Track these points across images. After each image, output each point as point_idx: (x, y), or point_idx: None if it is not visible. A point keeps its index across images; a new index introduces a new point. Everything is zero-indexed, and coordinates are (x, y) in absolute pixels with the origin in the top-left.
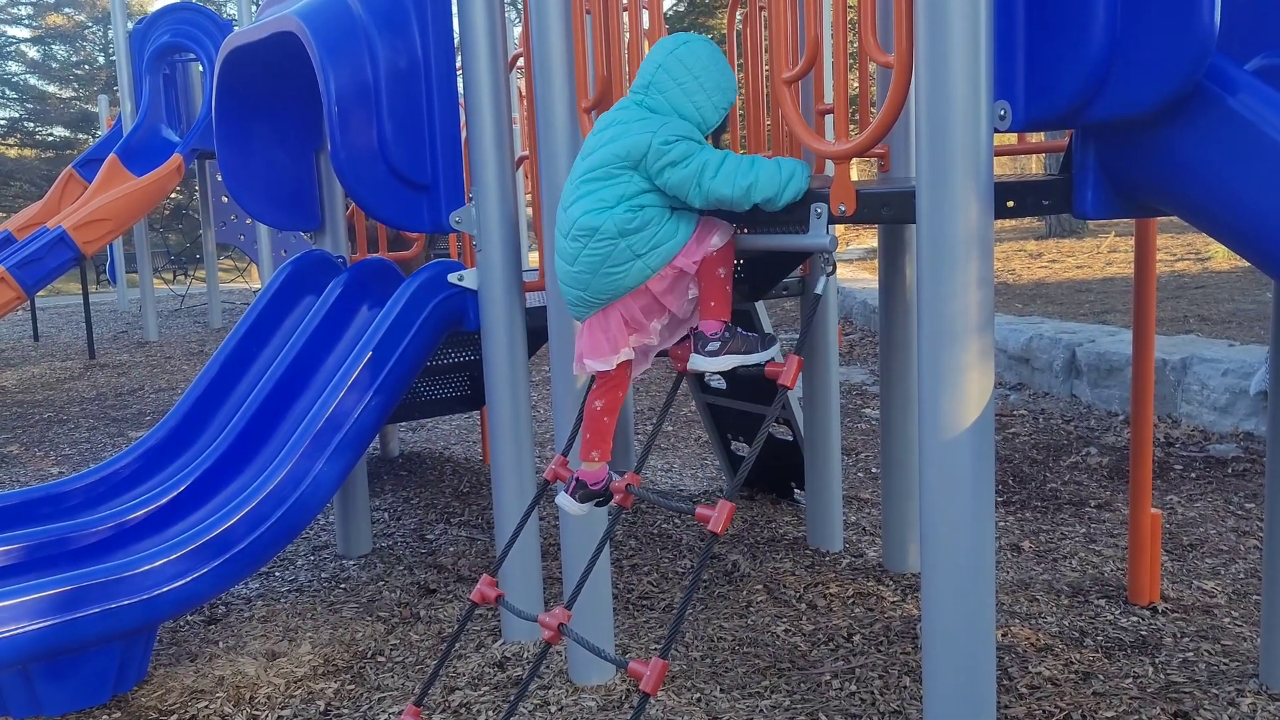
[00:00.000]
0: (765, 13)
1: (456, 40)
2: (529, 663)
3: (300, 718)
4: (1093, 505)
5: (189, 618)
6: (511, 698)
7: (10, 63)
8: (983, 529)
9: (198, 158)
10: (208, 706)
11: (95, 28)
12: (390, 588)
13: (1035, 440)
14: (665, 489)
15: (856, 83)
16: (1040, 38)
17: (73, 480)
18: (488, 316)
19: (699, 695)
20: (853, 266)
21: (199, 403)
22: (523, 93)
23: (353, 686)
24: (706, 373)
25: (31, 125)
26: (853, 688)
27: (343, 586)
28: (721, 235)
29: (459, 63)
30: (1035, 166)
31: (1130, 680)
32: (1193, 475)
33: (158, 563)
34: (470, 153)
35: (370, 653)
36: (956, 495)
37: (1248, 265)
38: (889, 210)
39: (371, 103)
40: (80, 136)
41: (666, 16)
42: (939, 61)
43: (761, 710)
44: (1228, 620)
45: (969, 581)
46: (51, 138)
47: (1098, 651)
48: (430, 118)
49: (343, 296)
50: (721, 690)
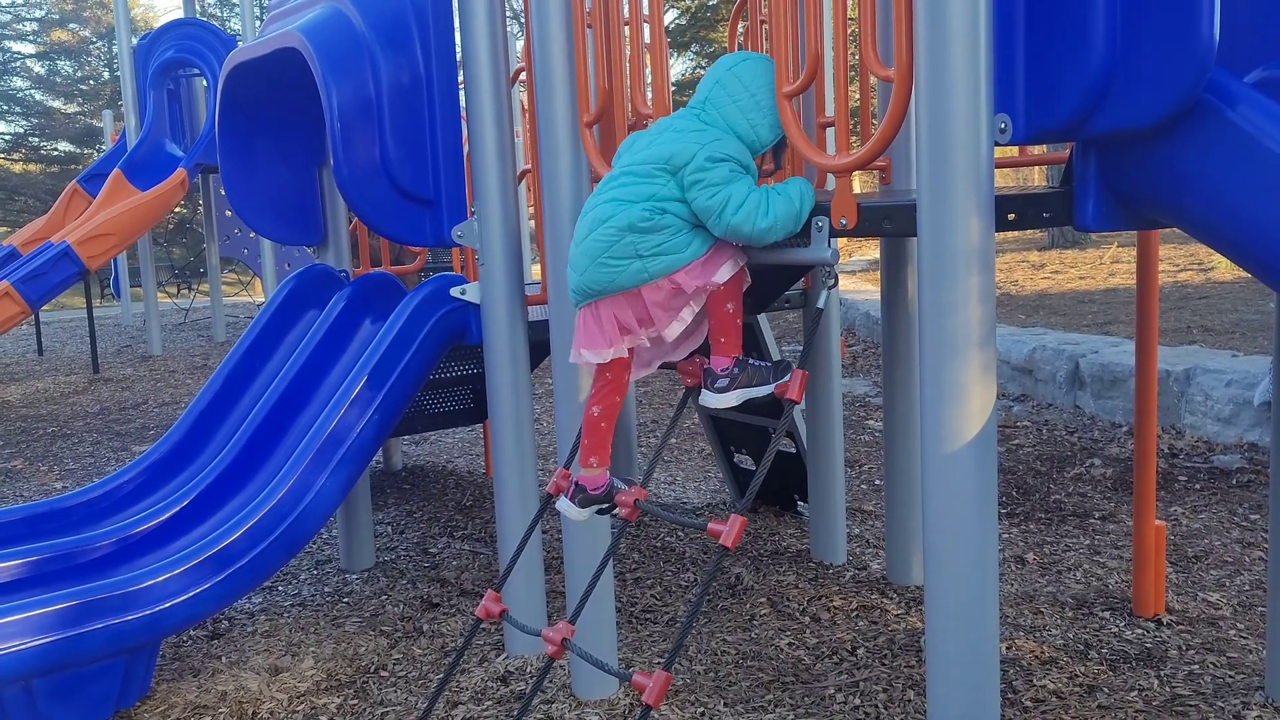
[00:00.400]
0: (766, 26)
1: (459, 55)
2: (532, 677)
3: None
4: (1097, 517)
5: (192, 632)
6: (515, 713)
7: (15, 78)
8: (986, 543)
9: (201, 172)
10: None
11: (100, 43)
12: (393, 602)
13: (1039, 451)
14: (669, 501)
15: (857, 95)
16: (1040, 51)
17: (76, 495)
18: (490, 330)
19: (702, 709)
20: (855, 278)
21: (202, 417)
22: (525, 107)
23: (355, 701)
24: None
25: (36, 140)
26: (856, 701)
27: (346, 601)
28: (730, 266)
29: (461, 77)
30: (1038, 178)
31: (1135, 693)
32: (1197, 486)
33: (161, 578)
34: (472, 167)
35: (373, 667)
36: (960, 510)
37: (1250, 276)
38: (890, 224)
39: (374, 118)
40: (85, 151)
41: (668, 30)
42: (939, 75)
43: None
44: (1233, 632)
45: (973, 595)
46: (56, 153)
47: (1102, 664)
48: (433, 132)
49: (345, 311)
50: (725, 704)
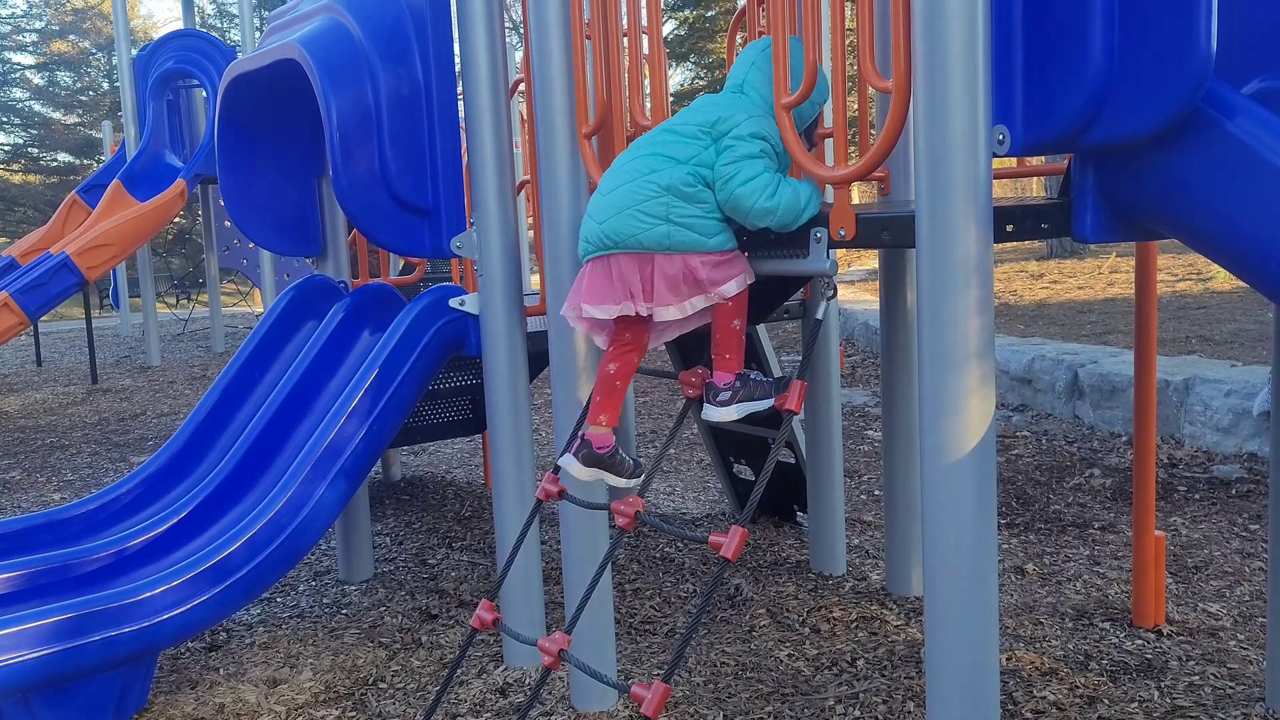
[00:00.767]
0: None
1: (458, 66)
2: (531, 688)
3: None
4: (1096, 527)
5: (189, 644)
6: None
7: (15, 89)
8: (986, 554)
9: (201, 183)
10: None
11: (99, 54)
12: (392, 613)
13: (1038, 462)
14: (668, 512)
15: (855, 106)
16: (1038, 62)
17: (74, 507)
18: (489, 341)
19: None
20: (854, 288)
21: (200, 429)
22: (524, 117)
23: (354, 713)
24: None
25: (36, 151)
26: (856, 713)
27: (344, 612)
28: (739, 282)
29: (460, 88)
30: (1036, 188)
31: (1136, 704)
32: (1196, 497)
33: (159, 590)
34: (471, 178)
35: (372, 679)
36: (959, 521)
37: (1249, 286)
38: (888, 235)
39: (373, 129)
40: (84, 162)
41: (666, 41)
42: (937, 87)
43: None
44: (1233, 643)
45: (972, 606)
46: (55, 163)
47: (1103, 675)
48: (431, 143)
49: (344, 322)
50: (724, 716)
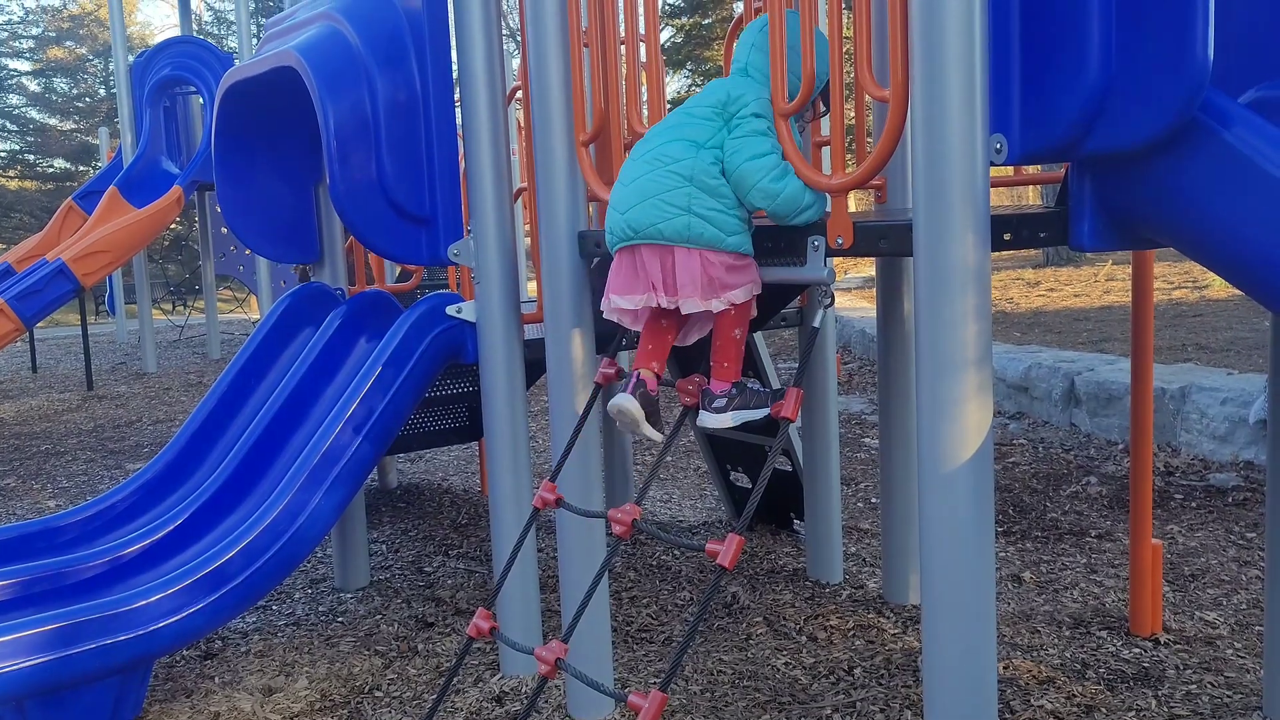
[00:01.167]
0: None
1: (455, 73)
2: (527, 697)
3: None
4: (1093, 535)
5: (185, 653)
6: None
7: (11, 95)
8: (983, 562)
9: (197, 189)
10: None
11: (96, 60)
12: (388, 621)
13: (1035, 469)
14: (664, 520)
15: (852, 114)
16: (1035, 72)
17: (69, 514)
18: (486, 348)
19: None
20: (851, 295)
21: (196, 436)
22: (521, 125)
23: None
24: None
25: (32, 157)
26: None
27: (340, 620)
28: (747, 290)
29: (457, 95)
30: (1032, 196)
31: (1133, 714)
32: (1193, 505)
33: (154, 598)
34: (469, 185)
35: (368, 688)
36: (956, 529)
37: (1245, 294)
38: (886, 243)
39: (370, 136)
40: (80, 169)
41: (663, 48)
42: (935, 96)
43: None
44: (1230, 652)
45: (970, 615)
46: (52, 170)
47: (1100, 684)
48: (429, 151)
49: (341, 329)
50: None
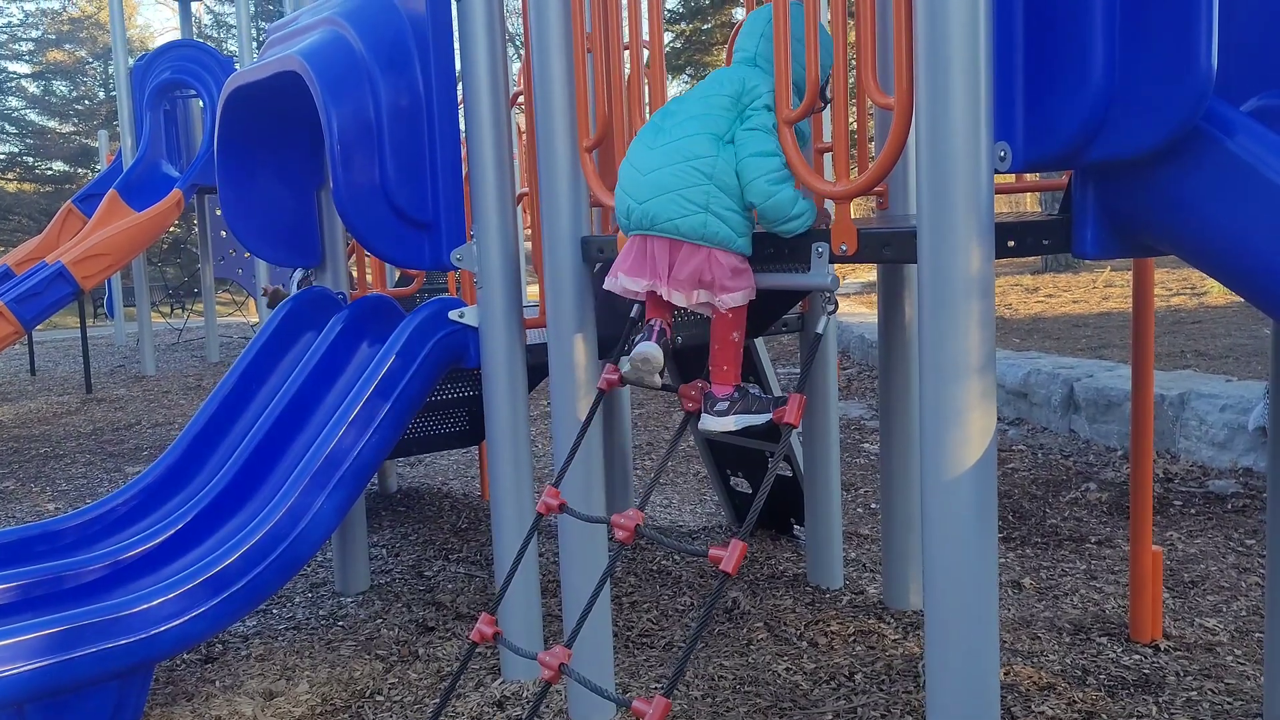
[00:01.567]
0: None
1: (458, 77)
2: (528, 702)
3: None
4: (1093, 541)
5: (185, 656)
6: None
7: (10, 98)
8: (986, 568)
9: (197, 193)
10: None
11: (95, 63)
12: (389, 625)
13: (1034, 476)
14: (665, 525)
15: (853, 120)
16: (1039, 80)
17: (70, 517)
18: (488, 353)
19: None
20: (850, 301)
21: (198, 440)
22: (521, 129)
23: None
24: (716, 431)
25: (31, 160)
26: None
27: (341, 624)
28: (744, 295)
29: (460, 100)
30: (1030, 203)
31: None
32: (1192, 511)
33: (155, 601)
34: (471, 190)
35: (369, 692)
36: (960, 535)
37: (1244, 301)
38: (890, 250)
39: (374, 141)
40: (80, 171)
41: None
42: (940, 104)
43: None
44: (1230, 659)
45: (973, 622)
46: (51, 172)
47: (1100, 690)
48: (432, 155)
49: (343, 333)
50: None
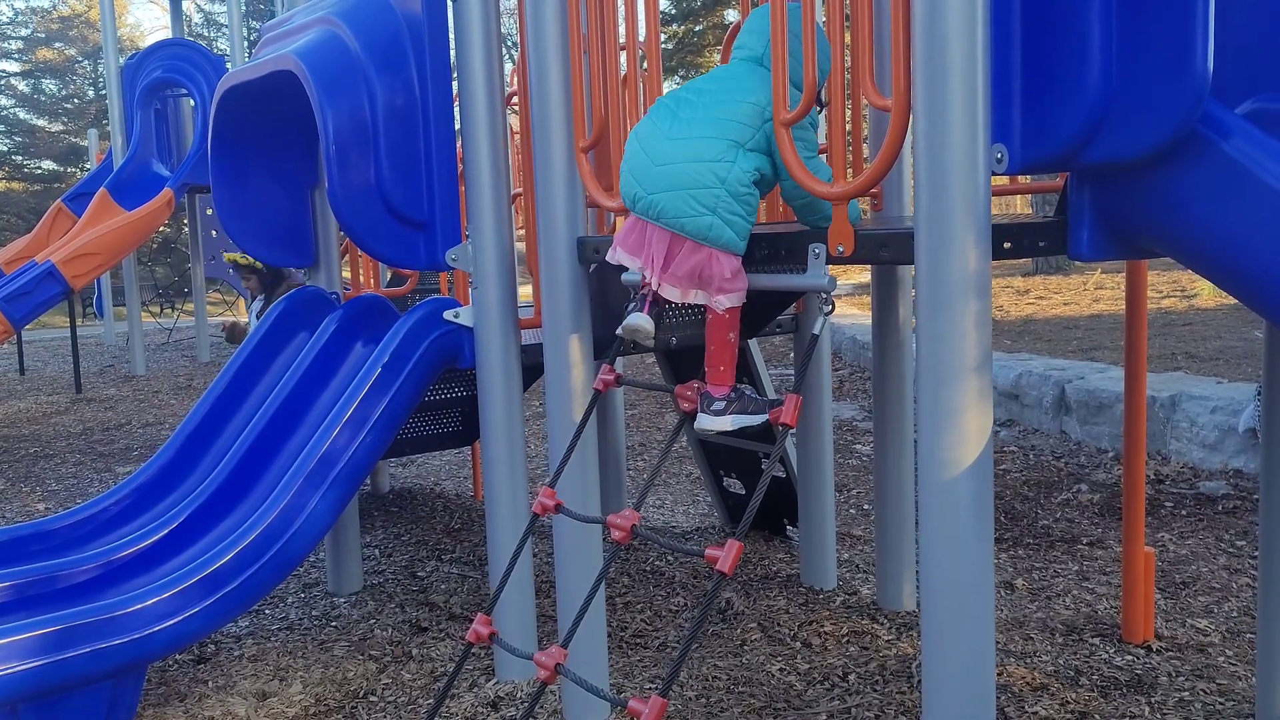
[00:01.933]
0: None
1: (454, 78)
2: (523, 702)
3: None
4: (1085, 543)
5: (178, 657)
6: None
7: (0, 96)
8: (983, 568)
9: (188, 192)
10: None
11: (85, 62)
12: (382, 626)
13: (1026, 477)
14: (658, 525)
15: (849, 121)
16: (1036, 82)
17: (62, 517)
18: (483, 353)
19: None
20: (842, 302)
21: (190, 439)
22: (514, 130)
23: None
24: (712, 431)
25: (20, 159)
26: None
27: (334, 625)
28: (739, 298)
29: (456, 100)
30: (1020, 205)
31: None
32: (1183, 513)
33: (148, 602)
34: (467, 191)
35: (362, 692)
36: (957, 535)
37: (1234, 302)
38: (887, 251)
39: (369, 141)
40: (69, 170)
41: None
42: (937, 106)
43: None
44: (1222, 659)
45: (970, 622)
46: (40, 171)
47: (1093, 691)
48: (427, 156)
49: (337, 333)
50: None
